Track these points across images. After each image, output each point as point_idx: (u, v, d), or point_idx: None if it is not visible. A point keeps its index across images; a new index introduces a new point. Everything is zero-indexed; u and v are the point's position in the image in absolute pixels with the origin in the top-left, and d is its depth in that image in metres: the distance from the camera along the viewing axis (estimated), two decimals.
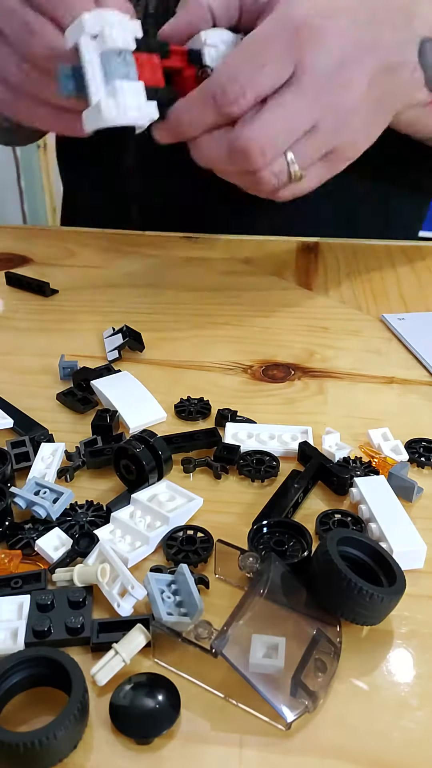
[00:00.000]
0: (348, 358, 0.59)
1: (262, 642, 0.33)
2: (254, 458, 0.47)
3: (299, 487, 0.44)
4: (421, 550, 0.39)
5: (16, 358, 0.59)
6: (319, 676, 0.33)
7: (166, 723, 0.31)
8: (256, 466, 0.46)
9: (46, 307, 0.67)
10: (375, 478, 0.44)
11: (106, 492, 0.45)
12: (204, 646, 0.33)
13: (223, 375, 0.57)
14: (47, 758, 0.30)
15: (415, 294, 0.70)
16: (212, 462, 0.46)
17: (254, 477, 0.46)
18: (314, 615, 0.35)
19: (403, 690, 0.34)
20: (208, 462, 0.46)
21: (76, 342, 0.61)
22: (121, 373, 0.55)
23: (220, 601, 0.37)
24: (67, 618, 0.35)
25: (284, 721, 0.31)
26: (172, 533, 0.41)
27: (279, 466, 0.46)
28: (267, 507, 0.43)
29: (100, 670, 0.33)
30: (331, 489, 0.45)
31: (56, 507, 0.41)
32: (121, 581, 0.36)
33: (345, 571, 0.34)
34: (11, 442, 0.47)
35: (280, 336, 0.63)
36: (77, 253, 0.79)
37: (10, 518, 0.41)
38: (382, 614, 0.36)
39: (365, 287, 0.71)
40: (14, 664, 0.32)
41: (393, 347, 0.61)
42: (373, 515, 0.41)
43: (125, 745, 0.31)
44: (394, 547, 0.39)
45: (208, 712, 0.32)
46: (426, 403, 0.54)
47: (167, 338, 0.62)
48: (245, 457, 0.47)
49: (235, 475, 0.46)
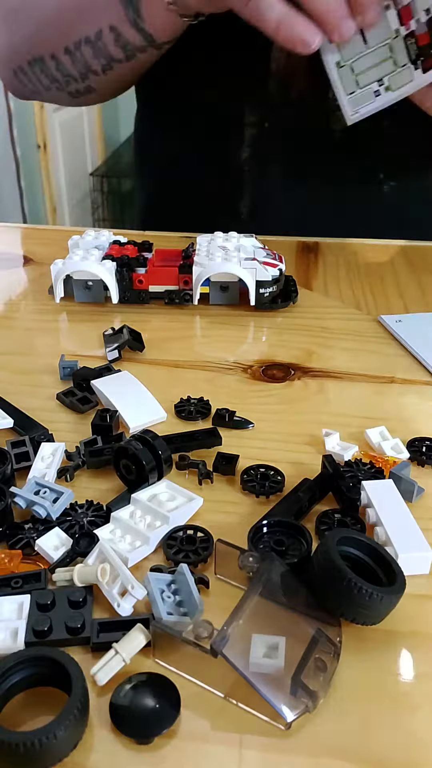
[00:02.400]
0: (348, 358, 0.59)
1: (262, 641, 0.33)
2: (258, 473, 0.46)
3: (304, 496, 0.43)
4: (427, 556, 0.39)
5: (16, 358, 0.59)
6: (319, 675, 0.33)
7: (166, 722, 0.31)
8: (260, 481, 0.45)
9: (46, 307, 0.67)
10: (382, 482, 0.44)
11: (106, 492, 0.45)
12: (204, 646, 0.33)
13: (223, 375, 0.57)
14: (47, 758, 0.30)
15: (415, 294, 0.70)
16: (201, 467, 0.46)
17: (258, 492, 0.44)
18: (314, 614, 0.35)
19: (404, 689, 0.34)
20: (198, 466, 0.46)
21: (76, 342, 0.61)
22: (121, 373, 0.55)
23: (220, 600, 0.37)
24: (67, 618, 0.35)
25: (284, 721, 0.31)
26: (172, 533, 0.41)
27: (284, 480, 0.45)
28: (274, 509, 0.43)
29: (100, 670, 0.33)
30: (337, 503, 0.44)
31: (56, 507, 0.41)
32: (121, 581, 0.37)
33: (345, 571, 0.34)
34: (11, 442, 0.47)
35: (280, 336, 0.63)
36: None
37: (10, 518, 0.41)
38: (382, 614, 0.36)
39: (365, 287, 0.71)
40: (14, 664, 0.32)
41: (393, 347, 0.61)
42: (380, 519, 0.41)
43: (125, 745, 0.31)
44: (399, 552, 0.39)
45: (208, 711, 0.32)
46: (426, 402, 0.54)
47: (167, 338, 0.62)
48: (249, 471, 0.46)
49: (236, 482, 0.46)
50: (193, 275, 0.64)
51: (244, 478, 0.45)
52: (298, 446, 0.49)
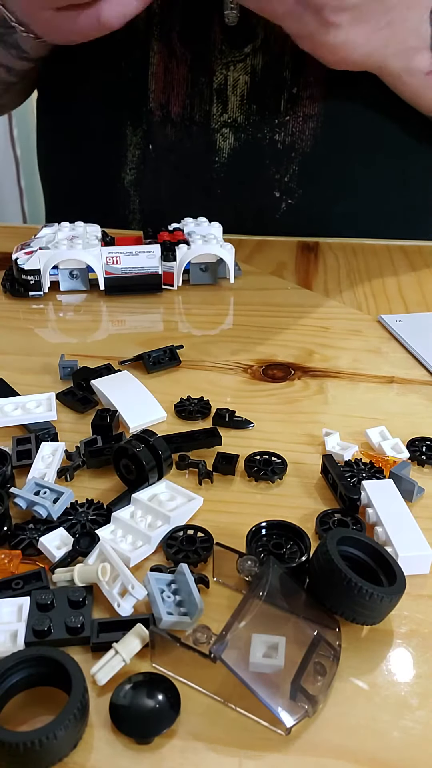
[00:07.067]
0: (348, 357, 0.59)
1: (261, 641, 0.33)
2: (261, 459, 0.47)
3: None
4: (427, 556, 0.39)
5: (16, 358, 0.59)
6: (318, 679, 0.33)
7: (166, 722, 0.31)
8: (264, 467, 0.46)
9: (46, 307, 0.67)
10: (383, 482, 0.44)
11: (106, 492, 0.45)
12: (203, 651, 0.33)
13: (223, 375, 0.57)
14: (47, 758, 0.30)
15: (415, 294, 0.70)
16: (201, 467, 0.46)
17: (263, 478, 0.45)
18: (313, 618, 0.35)
19: (404, 689, 0.34)
20: (198, 466, 0.46)
21: (76, 342, 0.61)
22: (121, 372, 0.55)
23: (220, 600, 0.37)
24: (67, 617, 0.35)
25: (284, 726, 0.31)
26: (172, 533, 0.41)
27: (287, 466, 0.46)
28: None
29: (100, 670, 0.33)
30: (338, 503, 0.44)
31: (57, 507, 0.41)
32: (122, 581, 0.36)
33: (345, 571, 0.34)
34: (17, 438, 0.47)
35: (280, 336, 0.63)
36: None
37: (8, 520, 0.41)
38: (382, 614, 0.36)
39: (365, 287, 0.71)
40: (14, 664, 0.32)
41: (393, 347, 0.61)
42: (380, 519, 0.41)
43: (125, 745, 0.31)
44: (399, 552, 0.39)
45: (208, 711, 0.32)
46: (426, 402, 0.54)
47: (167, 338, 0.62)
48: (253, 458, 0.47)
49: (236, 482, 0.46)
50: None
51: (249, 465, 0.46)
52: (298, 446, 0.49)
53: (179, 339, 0.61)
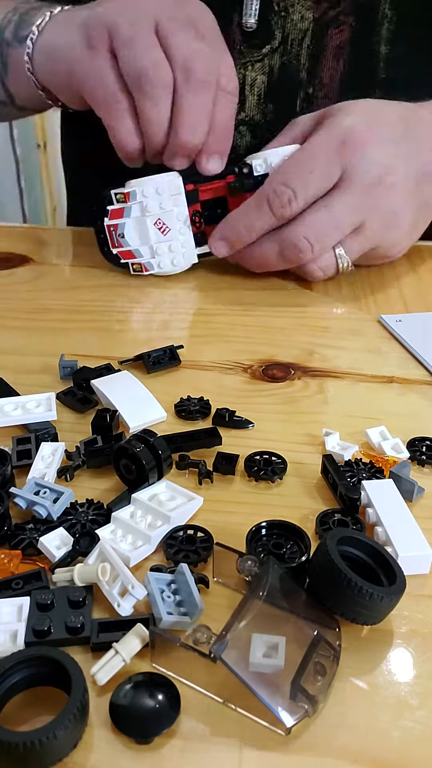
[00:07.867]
0: (348, 357, 0.59)
1: (261, 641, 0.33)
2: (261, 459, 0.47)
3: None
4: (427, 556, 0.39)
5: (16, 357, 0.59)
6: (318, 679, 0.33)
7: (166, 722, 0.31)
8: (264, 467, 0.46)
9: (46, 307, 0.67)
10: (383, 482, 0.44)
11: (106, 491, 0.45)
12: (203, 651, 0.33)
13: (223, 375, 0.57)
14: (47, 758, 0.30)
15: (415, 294, 0.70)
16: (201, 467, 0.46)
17: (263, 478, 0.45)
18: (313, 618, 0.35)
19: (404, 689, 0.34)
20: (198, 466, 0.46)
21: (76, 342, 0.61)
22: (121, 372, 0.55)
23: (220, 600, 0.37)
24: (67, 617, 0.35)
25: (284, 727, 0.31)
26: (172, 533, 0.41)
27: (287, 466, 0.46)
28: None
29: (100, 670, 0.33)
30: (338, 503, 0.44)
31: (57, 506, 0.41)
32: (122, 581, 0.36)
33: (345, 571, 0.34)
34: (17, 438, 0.47)
35: (280, 336, 0.63)
36: (77, 252, 0.79)
37: (8, 520, 0.41)
38: (382, 614, 0.36)
39: (365, 287, 0.71)
40: (14, 664, 0.32)
41: (393, 347, 0.61)
42: (380, 519, 0.41)
43: (125, 745, 0.31)
44: (399, 552, 0.39)
45: (208, 711, 0.32)
46: (426, 402, 0.54)
47: (167, 338, 0.62)
48: (253, 458, 0.47)
49: (236, 482, 0.46)
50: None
51: (249, 465, 0.46)
52: (298, 446, 0.49)
53: (179, 339, 0.61)
